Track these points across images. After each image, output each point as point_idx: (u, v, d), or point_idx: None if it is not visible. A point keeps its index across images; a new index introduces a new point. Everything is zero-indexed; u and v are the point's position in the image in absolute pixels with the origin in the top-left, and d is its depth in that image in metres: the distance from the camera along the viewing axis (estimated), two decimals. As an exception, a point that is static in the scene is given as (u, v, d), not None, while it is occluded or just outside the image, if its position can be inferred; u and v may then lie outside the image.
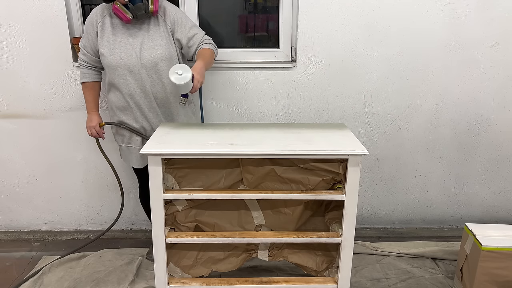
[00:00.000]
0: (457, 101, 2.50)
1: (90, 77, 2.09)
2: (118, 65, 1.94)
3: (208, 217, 1.78)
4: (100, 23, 1.96)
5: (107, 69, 1.99)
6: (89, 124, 2.14)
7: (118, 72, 1.96)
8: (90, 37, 1.99)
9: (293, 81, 2.43)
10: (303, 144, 1.62)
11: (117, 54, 1.93)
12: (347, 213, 1.66)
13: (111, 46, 1.94)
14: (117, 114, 2.07)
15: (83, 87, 2.12)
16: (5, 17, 2.27)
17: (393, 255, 2.40)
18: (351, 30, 2.34)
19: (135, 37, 1.95)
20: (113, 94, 2.04)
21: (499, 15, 2.34)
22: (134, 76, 1.96)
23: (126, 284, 2.13)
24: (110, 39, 1.95)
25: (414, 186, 2.68)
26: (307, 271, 1.91)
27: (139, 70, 1.95)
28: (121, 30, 1.96)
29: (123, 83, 1.98)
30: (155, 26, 1.96)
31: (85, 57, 2.04)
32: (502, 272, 1.91)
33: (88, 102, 2.13)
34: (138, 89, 1.99)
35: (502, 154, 2.61)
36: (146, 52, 1.94)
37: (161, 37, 1.96)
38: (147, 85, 1.98)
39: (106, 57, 1.95)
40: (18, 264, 2.35)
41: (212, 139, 1.66)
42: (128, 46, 1.94)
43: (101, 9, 1.99)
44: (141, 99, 2.01)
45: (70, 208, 2.65)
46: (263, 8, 2.50)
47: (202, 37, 2.00)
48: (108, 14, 1.97)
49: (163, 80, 2.00)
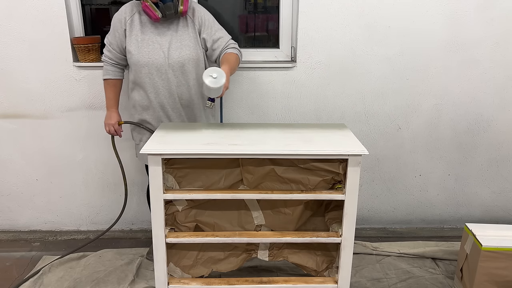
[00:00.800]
0: (457, 101, 2.50)
1: (114, 74, 2.07)
2: (145, 63, 1.93)
3: (208, 217, 1.78)
4: (129, 21, 1.95)
5: (133, 67, 1.97)
6: (108, 122, 2.12)
7: (145, 71, 1.95)
8: (117, 34, 1.97)
9: (293, 81, 2.43)
10: (303, 144, 1.62)
11: (145, 53, 1.93)
12: (347, 213, 1.66)
13: (139, 44, 1.94)
14: (138, 112, 2.06)
15: (105, 83, 2.09)
16: (5, 17, 2.27)
17: (393, 255, 2.40)
18: (351, 30, 2.34)
19: (163, 36, 1.94)
20: (136, 93, 2.03)
21: (499, 15, 2.34)
22: (161, 75, 1.96)
23: (126, 284, 2.13)
24: (138, 37, 1.94)
25: (414, 186, 2.68)
26: (307, 271, 1.91)
27: (166, 70, 1.95)
28: (150, 29, 1.95)
29: (149, 82, 1.97)
30: (183, 26, 1.96)
31: (110, 54, 2.02)
32: (502, 272, 1.91)
33: (109, 99, 2.11)
34: (163, 88, 1.98)
35: (502, 154, 2.61)
36: (174, 52, 1.93)
37: (189, 38, 1.96)
38: (172, 85, 1.98)
39: (133, 55, 1.94)
40: (18, 264, 2.35)
41: (212, 139, 1.66)
42: (156, 45, 1.93)
43: (130, 6, 1.98)
44: (166, 99, 2.00)
45: (70, 208, 2.65)
46: (263, 8, 2.50)
47: (227, 41, 2.00)
48: (137, 12, 1.96)
49: (189, 81, 2.00)
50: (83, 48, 2.32)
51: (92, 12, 2.48)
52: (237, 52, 2.00)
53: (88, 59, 2.36)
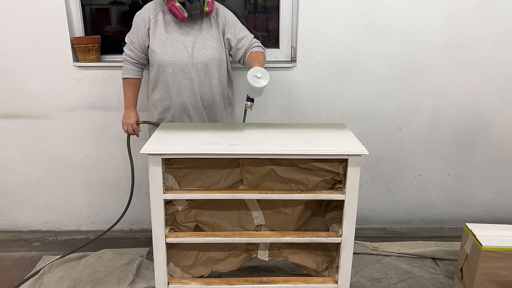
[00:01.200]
0: (457, 101, 2.50)
1: (134, 74, 2.06)
2: (169, 63, 1.93)
3: (208, 217, 1.78)
4: (153, 19, 1.95)
5: (156, 66, 1.97)
6: (127, 121, 2.11)
7: (169, 70, 1.95)
8: (140, 33, 1.96)
9: (293, 81, 2.43)
10: (303, 144, 1.62)
11: (169, 52, 1.93)
12: (347, 213, 1.66)
13: (163, 43, 1.93)
14: (159, 111, 2.05)
15: (124, 82, 2.08)
16: (5, 17, 2.27)
17: (393, 255, 2.40)
18: (351, 30, 2.34)
19: (187, 35, 1.94)
20: (158, 92, 2.03)
21: (499, 15, 2.34)
22: (184, 75, 1.96)
23: (126, 284, 2.13)
24: (162, 36, 1.94)
25: (414, 186, 2.68)
26: (307, 271, 1.91)
27: (189, 70, 1.95)
28: (174, 28, 1.95)
29: (172, 81, 1.97)
30: (207, 26, 1.96)
31: (132, 53, 2.01)
32: (502, 272, 1.91)
33: (128, 98, 2.10)
34: (186, 88, 1.98)
35: (502, 154, 2.61)
36: (198, 52, 1.94)
37: (212, 38, 1.96)
38: (195, 85, 1.98)
39: (157, 54, 1.94)
40: (18, 264, 2.35)
41: (212, 139, 1.66)
42: (180, 44, 1.93)
43: (154, 5, 1.97)
44: (188, 98, 2.00)
45: (70, 208, 2.65)
46: (263, 8, 2.50)
47: (251, 40, 1.99)
48: (161, 11, 1.96)
49: (212, 81, 2.00)
50: (83, 48, 2.32)
51: (92, 12, 2.48)
52: (262, 50, 1.99)
53: (88, 59, 2.36)
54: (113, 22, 2.53)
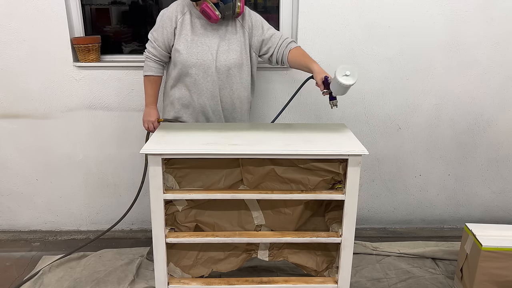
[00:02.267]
0: (457, 101, 2.50)
1: (156, 71, 2.05)
2: (193, 64, 1.93)
3: (208, 217, 1.78)
4: (180, 19, 1.94)
5: (180, 66, 1.96)
6: (148, 118, 2.10)
7: (192, 71, 1.95)
8: (165, 31, 1.95)
9: (293, 81, 2.43)
10: (303, 144, 1.62)
11: (194, 54, 1.92)
12: (347, 213, 1.66)
13: (188, 44, 1.93)
14: (176, 109, 2.05)
15: (145, 79, 2.07)
16: (5, 17, 2.27)
17: (393, 255, 2.40)
18: (351, 30, 2.34)
19: (212, 38, 1.94)
20: (178, 90, 2.02)
21: (499, 15, 2.34)
22: (207, 77, 1.95)
23: (126, 284, 2.13)
24: (188, 37, 1.94)
25: (414, 186, 2.68)
26: (307, 271, 1.91)
27: (212, 72, 1.94)
28: (199, 30, 1.95)
29: (194, 82, 1.97)
30: (232, 30, 1.96)
31: (155, 51, 2.00)
32: (502, 272, 1.91)
33: (149, 95, 2.09)
34: (207, 90, 1.97)
35: (502, 154, 2.61)
36: (221, 55, 1.93)
37: (237, 42, 1.96)
38: (216, 88, 1.97)
39: (182, 55, 1.93)
40: (18, 264, 2.35)
41: (212, 139, 1.66)
42: (205, 46, 1.93)
43: (181, 5, 1.96)
44: (208, 100, 1.99)
45: (70, 208, 2.65)
46: (263, 8, 2.50)
47: (280, 37, 1.98)
48: (188, 12, 1.95)
49: (232, 85, 1.99)
50: (83, 48, 2.32)
51: (92, 12, 2.48)
52: (298, 44, 1.98)
53: (88, 59, 2.36)
54: (113, 22, 2.53)
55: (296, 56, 1.94)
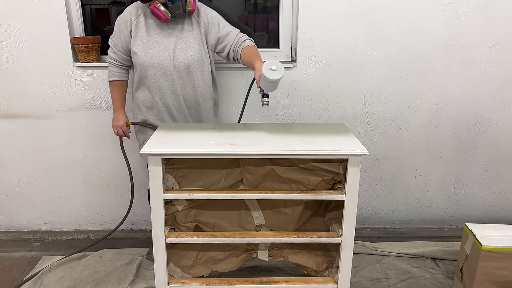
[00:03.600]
0: (457, 101, 2.50)
1: (119, 76, 2.07)
2: (151, 65, 1.93)
3: (208, 217, 1.78)
4: (135, 22, 1.95)
5: (139, 68, 1.97)
6: (116, 123, 2.13)
7: (150, 72, 1.95)
8: (122, 35, 1.97)
9: (293, 81, 2.43)
10: (303, 144, 1.62)
11: (150, 54, 1.93)
12: (347, 213, 1.66)
13: (144, 45, 1.93)
14: (143, 112, 2.06)
15: (110, 85, 2.10)
16: (5, 17, 2.27)
17: (393, 255, 2.40)
18: (351, 30, 2.34)
19: (169, 37, 1.94)
20: (141, 93, 2.03)
21: (499, 15, 2.34)
22: (166, 77, 1.95)
23: (126, 284, 2.13)
24: (144, 38, 1.94)
25: (414, 186, 2.68)
26: (307, 271, 1.91)
27: (171, 71, 1.95)
28: (155, 30, 1.95)
29: (154, 83, 1.97)
30: (188, 27, 1.96)
31: (115, 56, 2.02)
32: (502, 272, 1.91)
33: (115, 101, 2.11)
34: (168, 90, 1.98)
35: (502, 154, 2.61)
36: (179, 53, 1.93)
37: (194, 39, 1.95)
38: (177, 87, 1.98)
39: (139, 56, 1.94)
40: (18, 264, 2.35)
41: (212, 139, 1.66)
42: (161, 46, 1.93)
43: (135, 8, 1.97)
44: (171, 100, 2.00)
45: (70, 208, 2.65)
46: (263, 8, 2.50)
47: (236, 35, 1.97)
48: (142, 13, 1.96)
49: (194, 82, 1.99)
50: (83, 48, 2.32)
51: (92, 12, 2.48)
52: (253, 43, 1.97)
53: (88, 59, 2.36)
54: (113, 22, 2.51)
55: (246, 54, 1.92)
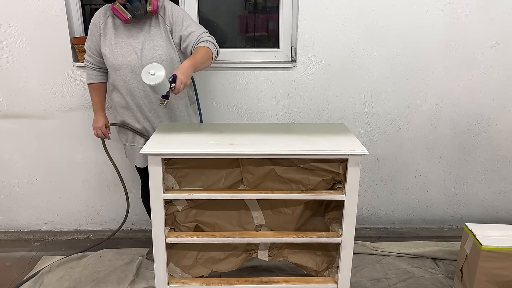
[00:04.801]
0: (457, 101, 2.50)
1: (96, 78, 2.09)
2: (119, 66, 1.94)
3: (208, 217, 1.78)
4: (103, 25, 1.96)
5: (109, 70, 1.99)
6: (95, 125, 2.15)
7: (120, 73, 1.96)
8: (94, 38, 1.99)
9: (293, 81, 2.43)
10: (303, 144, 1.62)
11: (118, 56, 1.93)
12: (347, 213, 1.66)
13: (113, 47, 1.94)
14: (120, 113, 2.08)
15: (89, 88, 2.12)
16: (5, 17, 2.27)
17: (393, 255, 2.40)
18: (351, 30, 2.34)
19: (136, 38, 1.94)
20: (116, 94, 2.04)
21: (499, 15, 2.33)
22: (135, 77, 1.95)
23: (126, 284, 2.13)
24: (112, 40, 1.95)
25: (414, 186, 2.68)
26: (307, 271, 1.91)
27: (140, 72, 1.94)
28: (123, 32, 1.95)
29: (124, 84, 1.98)
30: (156, 26, 1.95)
31: (91, 59, 2.05)
32: (502, 272, 1.91)
33: (94, 103, 2.14)
34: (139, 90, 1.98)
35: (502, 154, 2.61)
36: (147, 53, 1.93)
37: (161, 38, 1.95)
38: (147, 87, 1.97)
39: (108, 58, 1.95)
40: (18, 264, 2.35)
41: (212, 139, 1.66)
42: (129, 47, 1.93)
43: (104, 10, 1.98)
44: (142, 100, 2.00)
45: (70, 208, 2.65)
46: (263, 8, 2.50)
47: (199, 35, 1.92)
48: (110, 15, 1.97)
49: None
50: (83, 48, 2.32)
51: (92, 12, 2.47)
52: (209, 44, 1.89)
53: (88, 59, 2.36)
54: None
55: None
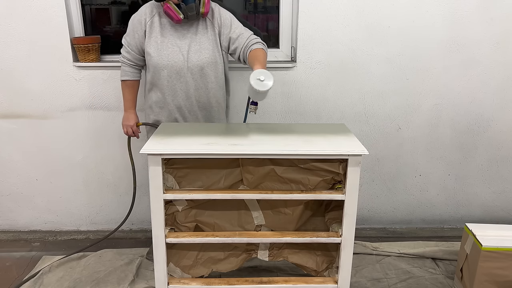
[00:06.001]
0: (457, 101, 2.50)
1: (132, 76, 2.06)
2: (164, 66, 1.93)
3: (208, 217, 1.78)
4: (149, 22, 1.93)
5: (152, 69, 1.96)
6: (126, 123, 2.12)
7: (164, 74, 1.94)
8: (137, 35, 1.96)
9: (293, 81, 2.43)
10: (303, 144, 1.62)
11: (164, 56, 1.92)
12: (347, 213, 1.66)
13: (159, 46, 1.92)
14: (155, 112, 2.05)
15: (123, 84, 2.09)
16: (5, 17, 2.27)
17: (393, 255, 2.40)
18: (351, 30, 2.34)
19: (183, 39, 1.93)
20: (154, 93, 2.02)
21: (499, 15, 2.34)
22: (179, 78, 1.95)
23: (126, 284, 2.13)
24: (158, 39, 1.93)
25: (414, 186, 2.68)
26: (307, 271, 1.91)
27: (185, 73, 1.94)
28: (169, 31, 1.94)
29: (167, 84, 1.96)
30: (203, 29, 1.95)
31: (129, 55, 2.01)
32: (502, 272, 1.91)
33: (126, 100, 2.11)
34: (181, 91, 1.97)
35: (502, 154, 2.61)
36: (193, 55, 1.92)
37: (208, 41, 1.94)
38: (191, 88, 1.97)
39: (153, 57, 1.93)
40: (18, 264, 2.35)
41: (212, 139, 1.66)
42: (175, 48, 1.92)
43: (150, 7, 1.96)
44: (183, 101, 1.99)
45: (70, 208, 2.65)
46: (263, 8, 2.50)
47: (248, 37, 1.94)
48: (157, 13, 1.94)
49: (207, 84, 1.99)
50: (83, 48, 2.32)
51: (92, 12, 2.48)
52: (262, 46, 1.93)
53: (88, 59, 2.36)
54: (113, 22, 2.53)
55: (251, 57, 1.89)
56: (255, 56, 1.87)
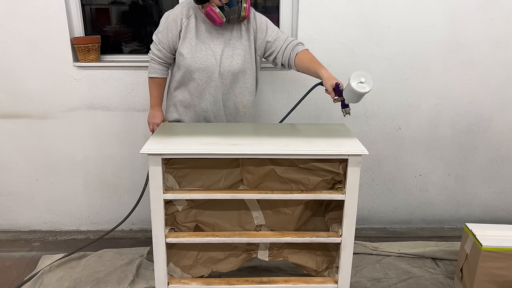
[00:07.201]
0: (457, 101, 2.50)
1: (161, 73, 2.03)
2: (197, 69, 1.91)
3: (208, 217, 1.78)
4: (186, 23, 1.91)
5: (183, 70, 1.93)
6: (153, 120, 2.10)
7: (195, 76, 1.92)
8: (171, 34, 1.92)
9: (293, 81, 2.43)
10: (303, 144, 1.62)
11: (198, 58, 1.90)
12: (347, 213, 1.66)
13: (193, 48, 1.90)
14: (179, 111, 2.03)
15: (150, 81, 2.06)
16: (5, 17, 2.27)
17: (393, 255, 2.40)
18: (351, 30, 2.34)
19: (216, 43, 1.91)
20: (180, 92, 2.00)
21: (499, 15, 2.34)
22: (210, 82, 1.93)
23: (126, 284, 2.13)
24: (193, 41, 1.91)
25: (414, 186, 2.68)
26: (307, 271, 1.91)
27: (216, 78, 1.92)
28: (204, 34, 1.92)
29: (197, 87, 1.94)
30: (237, 34, 1.94)
31: (159, 53, 1.98)
32: (502, 272, 1.91)
33: (154, 97, 2.08)
34: (210, 95, 1.96)
35: (502, 154, 2.61)
36: (225, 60, 1.91)
37: (241, 47, 1.93)
38: (219, 93, 1.95)
39: (186, 59, 1.91)
40: (18, 264, 2.35)
41: (212, 139, 1.66)
42: (209, 51, 1.90)
43: (186, 8, 1.93)
44: (210, 105, 1.98)
45: (70, 208, 2.65)
46: (263, 8, 2.50)
47: (285, 39, 1.93)
48: (193, 15, 1.92)
49: (236, 89, 1.97)
50: (83, 48, 2.32)
51: (92, 12, 2.48)
52: (304, 47, 1.93)
53: (88, 59, 2.36)
54: (113, 22, 2.53)
55: (303, 61, 1.88)
56: (311, 59, 1.85)
